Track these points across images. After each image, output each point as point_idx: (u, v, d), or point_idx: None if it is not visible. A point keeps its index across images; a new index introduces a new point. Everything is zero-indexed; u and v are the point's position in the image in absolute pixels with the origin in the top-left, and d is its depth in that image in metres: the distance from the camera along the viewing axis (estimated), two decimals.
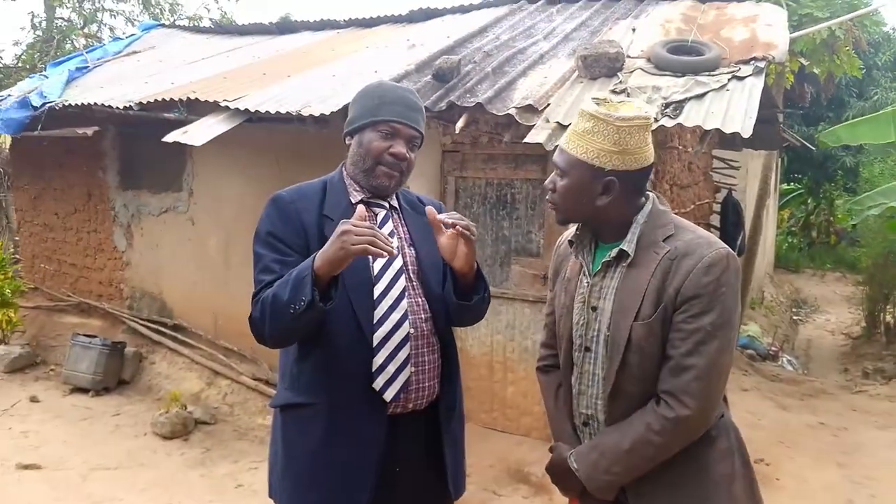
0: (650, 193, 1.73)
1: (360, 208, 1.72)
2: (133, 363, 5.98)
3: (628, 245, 1.66)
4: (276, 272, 1.79)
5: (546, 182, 1.76)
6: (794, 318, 11.62)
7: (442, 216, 1.82)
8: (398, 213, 2.01)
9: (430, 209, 1.87)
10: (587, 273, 1.74)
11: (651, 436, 1.60)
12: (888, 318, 9.38)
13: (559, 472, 1.79)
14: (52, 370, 6.26)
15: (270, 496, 1.99)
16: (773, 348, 8.50)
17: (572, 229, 1.84)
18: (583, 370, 1.75)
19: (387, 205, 1.97)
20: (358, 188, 1.94)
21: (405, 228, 1.98)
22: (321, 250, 1.68)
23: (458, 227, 1.79)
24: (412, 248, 1.96)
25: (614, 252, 1.68)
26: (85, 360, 5.68)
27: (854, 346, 9.52)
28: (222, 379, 5.55)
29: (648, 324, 1.60)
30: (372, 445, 1.82)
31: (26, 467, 4.35)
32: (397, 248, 1.90)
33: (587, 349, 1.73)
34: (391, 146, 1.88)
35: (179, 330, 6.10)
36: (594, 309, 1.71)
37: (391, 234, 1.91)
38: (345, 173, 1.98)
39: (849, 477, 4.40)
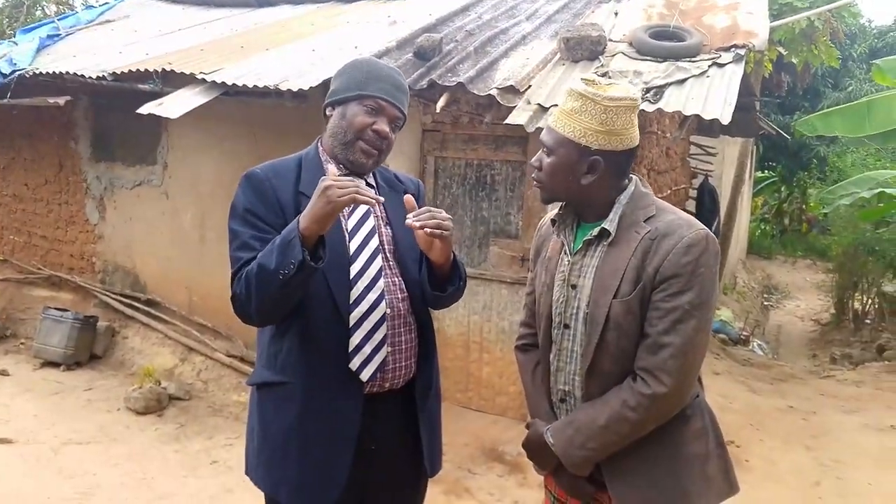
0: (633, 176, 1.75)
1: (331, 167, 1.71)
2: (105, 338, 5.92)
3: (610, 224, 1.68)
4: (256, 249, 1.76)
5: (532, 160, 1.76)
6: (766, 303, 11.84)
7: (410, 219, 1.75)
8: (375, 191, 1.96)
9: (408, 198, 1.85)
10: (568, 251, 1.76)
11: (627, 412, 1.62)
12: (856, 305, 9.60)
13: (535, 448, 1.80)
14: (21, 344, 6.18)
15: (247, 473, 1.98)
16: (745, 333, 8.66)
17: (554, 210, 1.85)
18: (561, 347, 1.77)
19: (363, 182, 1.90)
20: (334, 164, 1.91)
21: (381, 207, 1.94)
22: (304, 211, 1.66)
23: (426, 230, 1.73)
24: (388, 228, 1.94)
25: (596, 231, 1.70)
26: (56, 333, 5.61)
27: (823, 333, 9.75)
28: (196, 355, 5.51)
29: (627, 302, 1.62)
30: (348, 424, 1.81)
31: None
32: (375, 226, 1.89)
33: (566, 326, 1.75)
34: (375, 122, 1.85)
35: (153, 305, 6.03)
36: (574, 287, 1.73)
37: (368, 213, 1.89)
38: (321, 149, 1.95)
39: (817, 459, 4.50)
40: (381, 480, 1.93)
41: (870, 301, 9.46)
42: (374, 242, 1.88)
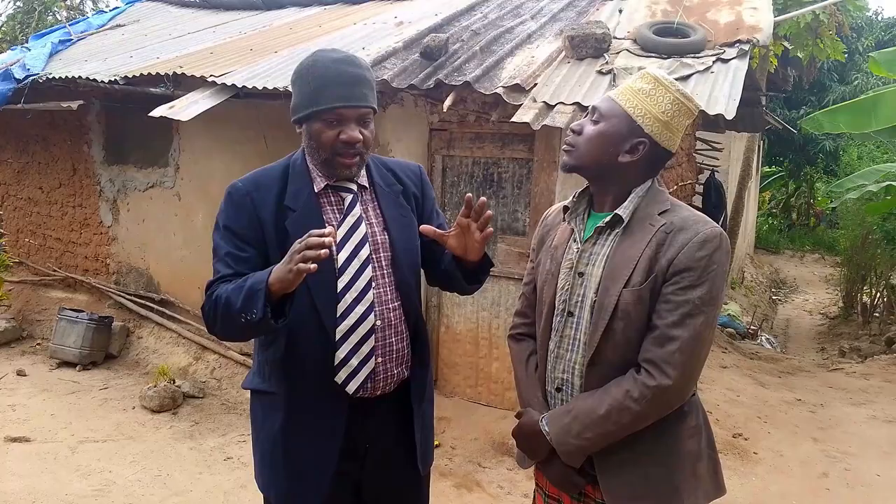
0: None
1: (330, 228, 1.63)
2: (120, 338, 6.01)
3: (624, 211, 1.69)
4: (232, 268, 1.75)
5: (573, 124, 1.75)
6: (773, 298, 11.82)
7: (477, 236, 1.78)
8: (370, 194, 1.91)
9: (424, 228, 1.82)
10: (578, 239, 1.77)
11: (629, 403, 1.61)
12: (864, 298, 9.58)
13: (528, 436, 1.79)
14: (38, 344, 6.28)
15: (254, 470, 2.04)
16: (753, 327, 8.66)
17: (559, 203, 1.87)
18: (563, 335, 1.77)
19: (354, 187, 1.87)
20: (320, 173, 1.84)
21: (377, 210, 1.89)
22: (276, 267, 1.60)
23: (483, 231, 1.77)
24: (385, 234, 1.88)
25: (609, 217, 1.70)
26: (72, 334, 5.70)
27: (831, 326, 9.72)
28: (210, 353, 5.59)
29: (638, 291, 1.62)
30: (331, 438, 1.82)
31: (15, 440, 4.38)
32: (366, 234, 1.84)
33: (570, 314, 1.75)
34: (341, 132, 1.74)
35: (166, 305, 6.12)
36: (581, 274, 1.73)
37: (359, 220, 1.84)
38: (307, 156, 1.87)
39: (824, 451, 4.52)
40: (376, 479, 1.94)
41: (878, 294, 9.43)
42: (365, 252, 1.83)
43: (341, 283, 1.79)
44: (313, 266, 1.52)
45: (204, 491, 3.85)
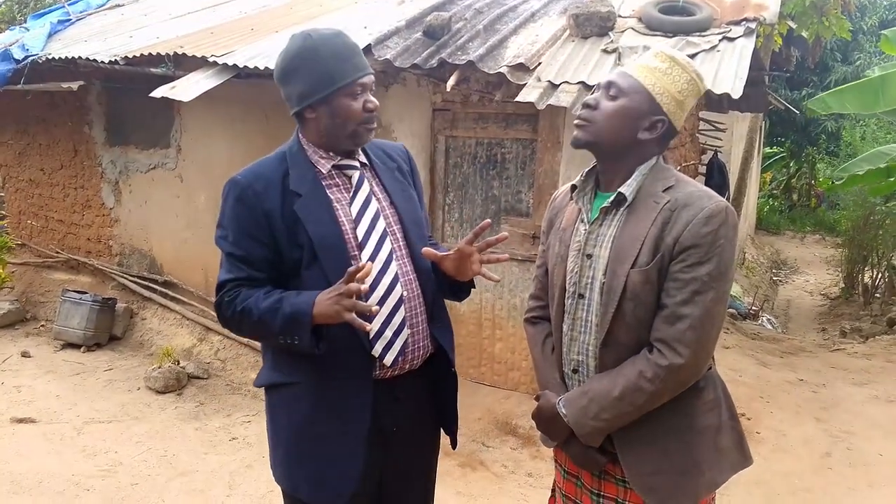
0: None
1: (370, 264, 1.69)
2: (124, 319, 6.02)
3: (627, 189, 1.68)
4: (244, 270, 1.78)
5: (588, 98, 1.73)
6: (775, 278, 11.83)
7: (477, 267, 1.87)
8: (369, 170, 1.93)
9: (427, 251, 1.84)
10: (585, 220, 1.76)
11: (643, 383, 1.62)
12: (866, 279, 9.60)
13: (546, 418, 1.80)
14: (42, 326, 6.29)
15: (272, 467, 2.00)
16: (754, 308, 8.68)
17: (566, 185, 1.86)
18: (575, 317, 1.77)
19: (358, 163, 1.89)
20: (325, 155, 1.85)
21: (381, 186, 1.92)
22: (320, 307, 1.66)
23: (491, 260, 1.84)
24: (392, 208, 1.91)
25: (613, 196, 1.70)
26: (76, 315, 5.71)
27: (832, 307, 9.75)
28: (214, 335, 5.61)
29: (645, 271, 1.62)
30: (359, 420, 1.82)
31: (20, 421, 4.41)
32: (378, 209, 1.86)
33: (581, 296, 1.75)
34: (364, 101, 1.79)
35: (170, 286, 6.12)
36: (589, 256, 1.73)
37: (369, 196, 1.87)
38: (304, 142, 1.87)
39: (827, 431, 4.55)
40: (398, 460, 1.95)
41: (879, 275, 9.44)
42: (381, 225, 1.85)
43: (364, 256, 1.80)
44: (350, 304, 1.62)
45: (209, 471, 3.88)
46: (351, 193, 1.85)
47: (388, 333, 1.83)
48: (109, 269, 6.51)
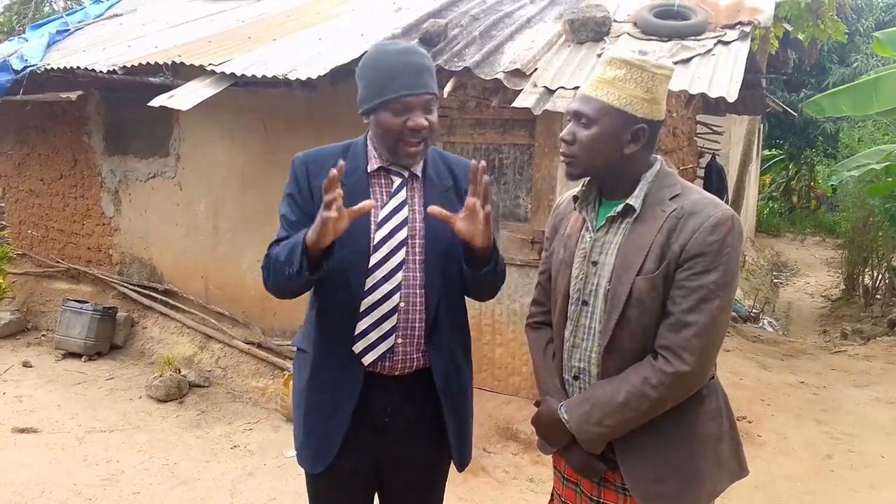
0: (657, 156, 1.75)
1: (340, 162, 1.69)
2: (125, 328, 6.02)
3: (635, 200, 1.68)
4: (287, 231, 1.91)
5: (563, 134, 1.72)
6: (775, 281, 11.84)
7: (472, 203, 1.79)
8: (419, 183, 1.96)
9: (432, 208, 1.81)
10: (590, 228, 1.76)
11: (648, 389, 1.61)
12: (866, 280, 9.59)
13: (547, 424, 1.79)
14: (43, 336, 6.30)
15: None
16: (755, 310, 8.68)
17: (573, 190, 1.85)
18: (578, 324, 1.77)
19: (406, 172, 1.93)
20: (377, 156, 1.93)
21: (422, 200, 1.93)
22: (312, 227, 1.73)
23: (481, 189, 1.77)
24: (424, 223, 1.91)
25: (620, 207, 1.69)
26: (77, 325, 5.71)
27: (833, 309, 9.75)
28: (214, 343, 5.61)
29: (651, 279, 1.62)
30: (346, 400, 1.91)
31: (22, 431, 4.41)
32: (406, 218, 1.90)
33: (584, 303, 1.75)
34: (407, 120, 1.81)
35: (170, 295, 6.13)
36: (594, 263, 1.73)
37: (402, 204, 1.91)
38: (369, 138, 1.96)
39: (828, 433, 4.55)
40: (396, 454, 1.99)
41: (880, 276, 9.44)
42: (402, 235, 1.88)
43: (373, 260, 1.87)
44: (334, 214, 1.64)
45: (211, 479, 3.88)
46: (387, 198, 1.92)
47: (374, 336, 1.89)
48: (110, 279, 6.52)
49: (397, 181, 1.93)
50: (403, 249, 1.89)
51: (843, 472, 4.06)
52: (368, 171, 1.93)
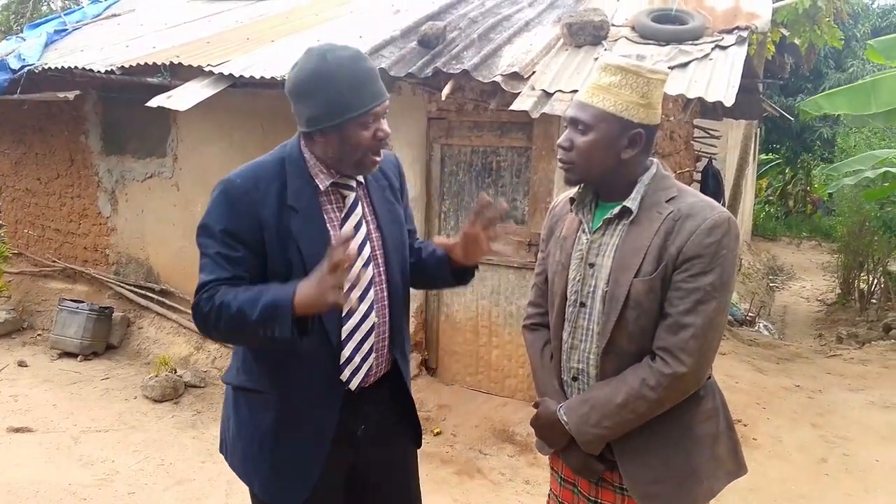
0: (653, 159, 1.76)
1: (341, 232, 1.61)
2: (121, 328, 6.02)
3: (632, 202, 1.69)
4: (228, 270, 1.71)
5: (560, 140, 1.73)
6: (771, 285, 11.85)
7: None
8: (363, 189, 1.89)
9: (437, 239, 1.84)
10: (587, 230, 1.77)
11: (646, 391, 1.63)
12: (862, 284, 9.62)
13: (546, 425, 1.80)
14: (38, 335, 6.29)
15: (221, 452, 2.00)
16: (750, 314, 8.69)
17: (569, 192, 1.86)
18: (576, 325, 1.78)
19: (355, 183, 1.84)
20: (325, 171, 1.79)
21: (371, 208, 1.89)
22: (303, 290, 1.57)
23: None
24: (378, 232, 1.88)
25: (617, 209, 1.70)
26: (73, 324, 5.71)
27: (829, 312, 9.77)
28: (210, 343, 5.60)
29: (649, 281, 1.63)
30: (325, 429, 1.82)
31: (17, 430, 4.40)
32: (367, 233, 1.85)
33: (582, 305, 1.76)
34: (376, 131, 1.73)
35: (167, 295, 6.13)
36: (591, 265, 1.74)
37: (360, 222, 1.84)
38: (306, 153, 1.79)
39: (823, 437, 4.55)
40: (369, 455, 1.96)
41: (875, 280, 9.46)
42: (367, 252, 1.83)
43: (346, 284, 1.70)
44: (348, 300, 1.56)
45: (206, 479, 3.88)
46: (343, 214, 1.83)
47: (357, 359, 1.83)
48: (106, 278, 6.51)
49: (350, 196, 1.83)
50: (371, 265, 1.84)
51: (837, 475, 4.07)
52: (321, 189, 1.79)
